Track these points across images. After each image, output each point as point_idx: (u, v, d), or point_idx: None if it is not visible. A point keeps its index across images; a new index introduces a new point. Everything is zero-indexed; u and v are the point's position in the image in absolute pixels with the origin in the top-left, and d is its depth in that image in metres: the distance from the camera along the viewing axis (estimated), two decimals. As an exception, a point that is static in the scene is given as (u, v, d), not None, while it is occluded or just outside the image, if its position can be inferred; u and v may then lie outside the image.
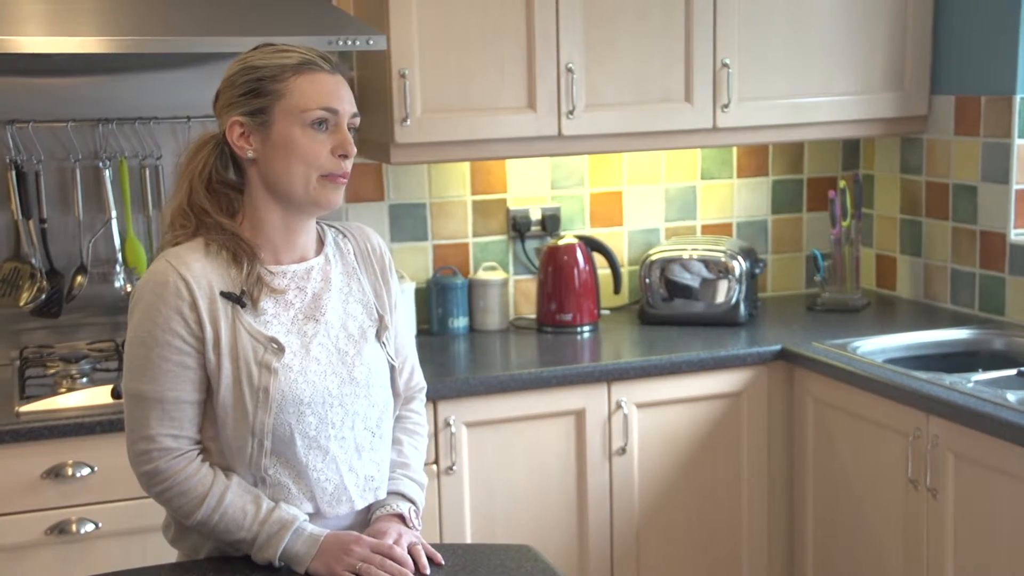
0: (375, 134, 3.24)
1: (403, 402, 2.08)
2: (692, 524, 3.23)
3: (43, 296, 3.11)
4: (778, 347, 3.21)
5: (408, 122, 3.08)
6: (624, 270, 3.69)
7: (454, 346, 3.34)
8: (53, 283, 3.12)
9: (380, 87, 3.15)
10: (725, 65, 3.32)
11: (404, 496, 1.96)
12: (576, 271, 3.43)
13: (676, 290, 3.50)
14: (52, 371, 2.93)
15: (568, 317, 3.43)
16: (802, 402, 3.19)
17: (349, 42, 2.88)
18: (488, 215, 3.57)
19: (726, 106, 3.33)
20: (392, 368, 1.99)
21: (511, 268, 3.61)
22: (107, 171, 3.14)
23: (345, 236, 2.02)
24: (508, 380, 2.99)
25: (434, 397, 2.93)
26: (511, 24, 3.15)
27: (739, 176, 3.81)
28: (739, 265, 3.46)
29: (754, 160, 3.82)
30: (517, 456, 3.05)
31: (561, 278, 3.43)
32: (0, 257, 3.11)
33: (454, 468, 2.97)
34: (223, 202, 1.89)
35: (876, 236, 3.86)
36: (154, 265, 1.86)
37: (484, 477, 3.02)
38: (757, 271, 3.54)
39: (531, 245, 3.60)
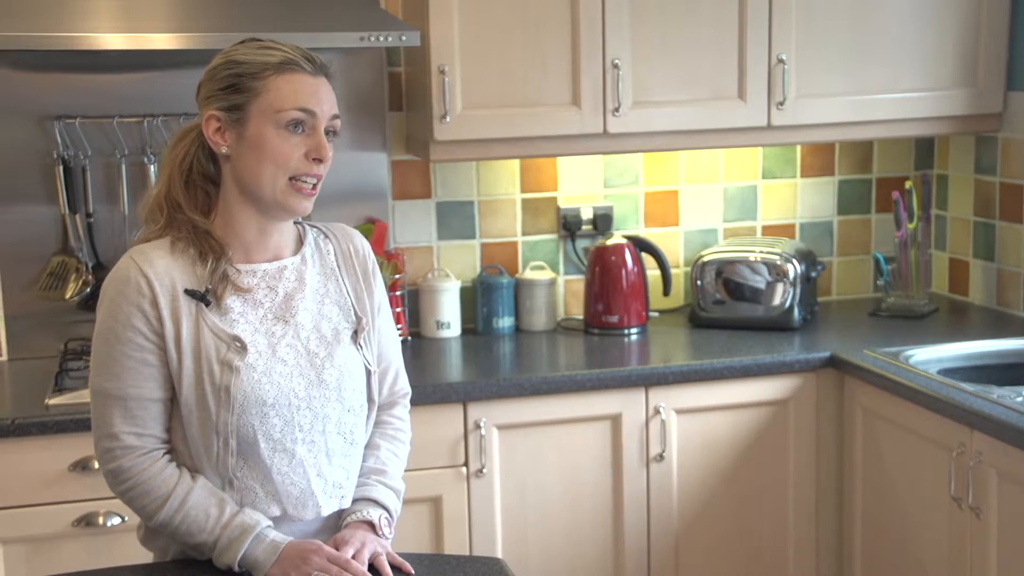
0: (418, 131, 3.21)
1: (386, 407, 2.03)
2: (734, 535, 3.12)
3: (88, 290, 3.15)
4: (827, 354, 3.08)
5: (448, 119, 3.03)
6: (678, 271, 3.59)
7: (496, 347, 3.28)
8: (99, 277, 3.16)
9: (423, 84, 3.11)
10: (781, 61, 3.19)
11: (377, 503, 1.91)
12: (624, 272, 3.34)
13: (727, 292, 3.38)
14: (91, 364, 2.97)
15: (615, 319, 3.34)
16: (851, 412, 3.06)
17: (381, 38, 2.85)
18: (538, 214, 3.50)
19: (781, 103, 3.21)
20: (369, 373, 1.94)
21: (561, 268, 3.53)
22: (153, 166, 3.17)
23: (327, 237, 1.98)
24: (540, 383, 2.93)
25: (463, 399, 2.89)
26: (554, 19, 3.08)
27: (803, 176, 3.67)
28: (794, 268, 3.33)
29: (819, 159, 3.68)
30: (550, 460, 2.98)
31: (608, 279, 3.34)
32: (47, 251, 3.16)
33: (484, 471, 2.92)
34: (199, 197, 1.87)
35: (949, 239, 3.68)
36: (119, 262, 1.85)
37: (515, 481, 2.96)
38: (813, 274, 3.41)
39: (582, 244, 3.52)
